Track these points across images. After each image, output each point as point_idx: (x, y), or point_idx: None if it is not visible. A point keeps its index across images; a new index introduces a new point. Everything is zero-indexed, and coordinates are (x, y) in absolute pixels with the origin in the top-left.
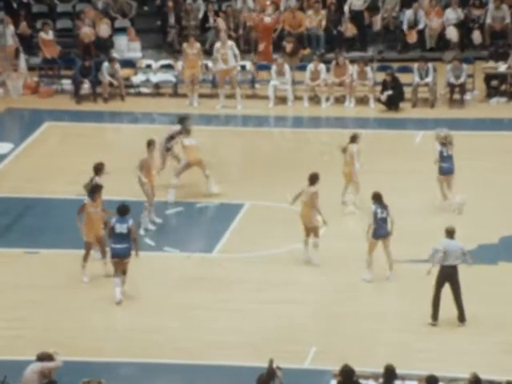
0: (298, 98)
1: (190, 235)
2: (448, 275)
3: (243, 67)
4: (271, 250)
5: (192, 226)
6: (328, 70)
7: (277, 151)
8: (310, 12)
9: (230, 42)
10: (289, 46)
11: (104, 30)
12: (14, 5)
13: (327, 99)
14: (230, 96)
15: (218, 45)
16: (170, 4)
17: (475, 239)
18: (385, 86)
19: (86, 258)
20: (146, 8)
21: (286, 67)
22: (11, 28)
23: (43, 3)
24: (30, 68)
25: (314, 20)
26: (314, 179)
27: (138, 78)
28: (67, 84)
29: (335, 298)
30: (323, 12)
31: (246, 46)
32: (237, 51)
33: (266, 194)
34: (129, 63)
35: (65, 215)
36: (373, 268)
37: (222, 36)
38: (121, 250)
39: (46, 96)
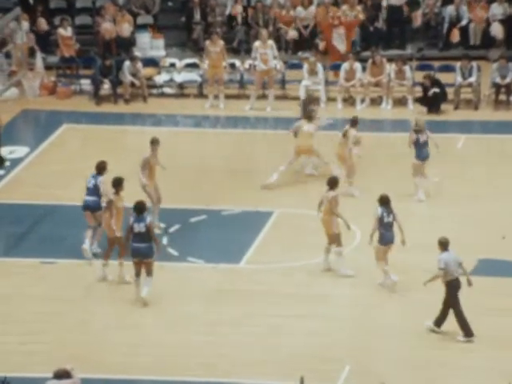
0: (331, 99)
1: (216, 245)
2: (458, 287)
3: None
4: (302, 261)
5: (217, 235)
6: (364, 69)
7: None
8: (344, 7)
9: (271, 42)
10: (322, 44)
11: (125, 26)
12: (31, 0)
13: (362, 100)
14: (259, 97)
15: (257, 44)
16: None
17: None
18: (425, 89)
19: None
20: (170, 3)
21: (319, 66)
22: (25, 25)
23: None
24: (47, 67)
25: (349, 15)
26: (332, 183)
27: (161, 78)
28: (86, 84)
29: (369, 313)
30: (359, 7)
31: (277, 44)
32: (276, 52)
33: (296, 201)
34: (151, 62)
35: (83, 223)
36: (390, 274)
37: (262, 35)
38: (141, 249)
39: (63, 97)
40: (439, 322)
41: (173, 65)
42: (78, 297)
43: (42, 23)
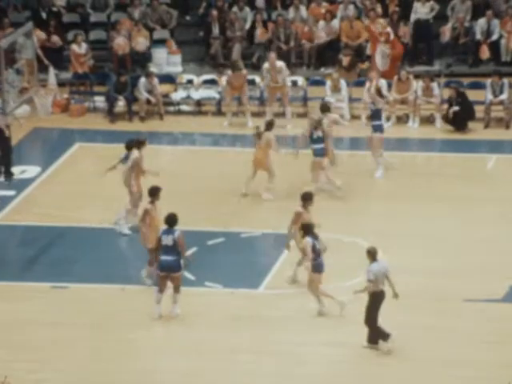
0: (355, 117)
1: (234, 269)
2: (382, 299)
3: (294, 83)
4: (324, 285)
5: (236, 258)
6: (389, 86)
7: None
8: (367, 21)
9: (280, 64)
10: (345, 60)
11: (141, 41)
12: (43, 14)
13: (388, 118)
14: (279, 114)
15: (266, 66)
16: (214, 13)
17: None
18: (450, 102)
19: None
20: (187, 18)
21: (342, 83)
22: (34, 40)
23: (75, 12)
24: (60, 84)
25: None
26: (305, 198)
27: (178, 95)
28: (100, 101)
29: (401, 341)
30: (382, 20)
31: (299, 60)
32: (287, 72)
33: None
34: (168, 78)
35: (97, 246)
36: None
37: (271, 57)
38: (167, 262)
39: (76, 114)
40: (373, 337)
41: (190, 81)
42: (90, 323)
43: (55, 38)
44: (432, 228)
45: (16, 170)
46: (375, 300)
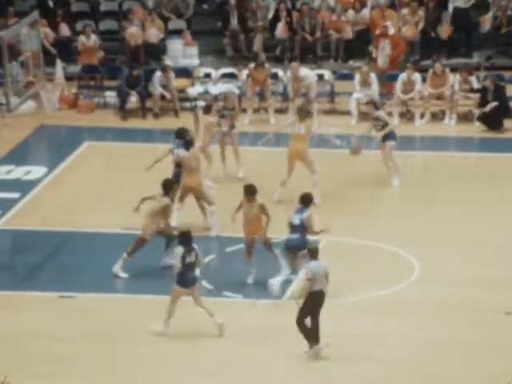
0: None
1: (255, 278)
2: (320, 300)
3: (321, 77)
4: (352, 296)
5: (257, 266)
6: (424, 80)
7: (359, 177)
8: (404, 11)
9: (304, 73)
10: (376, 51)
11: (155, 32)
12: (50, 3)
13: (422, 115)
14: None
15: (288, 74)
16: (233, 2)
17: None
18: (484, 95)
19: None
20: (205, 6)
21: (373, 77)
22: (40, 30)
23: (84, 1)
24: (68, 77)
25: (408, 21)
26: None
27: (194, 90)
28: (111, 97)
29: (431, 357)
30: (421, 12)
31: (325, 52)
32: (314, 79)
33: (345, 228)
34: (184, 72)
35: (107, 252)
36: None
37: (293, 68)
38: (292, 241)
39: (85, 111)
40: (312, 338)
41: (208, 75)
42: (98, 336)
43: (63, 29)
44: (469, 232)
45: (21, 170)
46: (309, 301)
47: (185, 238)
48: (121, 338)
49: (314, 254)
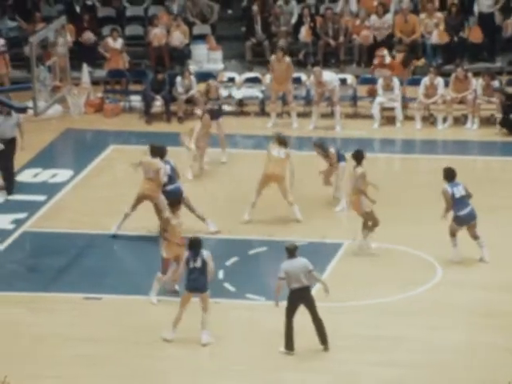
0: (408, 118)
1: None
2: (297, 299)
3: (343, 81)
4: (376, 298)
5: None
6: (446, 84)
7: (382, 180)
8: (422, 15)
9: (327, 77)
10: (399, 56)
11: (179, 37)
12: (77, 8)
13: (445, 119)
14: (326, 115)
15: (311, 79)
16: (256, 7)
17: None
18: (505, 109)
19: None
20: (229, 11)
21: (395, 81)
22: (67, 35)
23: (110, 6)
24: (94, 82)
25: (429, 24)
26: (360, 157)
27: None
28: (136, 101)
29: (455, 361)
30: (439, 14)
31: (348, 56)
32: (336, 83)
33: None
34: (208, 76)
35: (132, 254)
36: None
37: (316, 73)
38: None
39: (111, 115)
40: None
41: (232, 79)
42: (124, 338)
43: (89, 33)
44: (492, 236)
45: (47, 173)
46: (288, 299)
47: (191, 243)
48: (147, 340)
49: (290, 252)
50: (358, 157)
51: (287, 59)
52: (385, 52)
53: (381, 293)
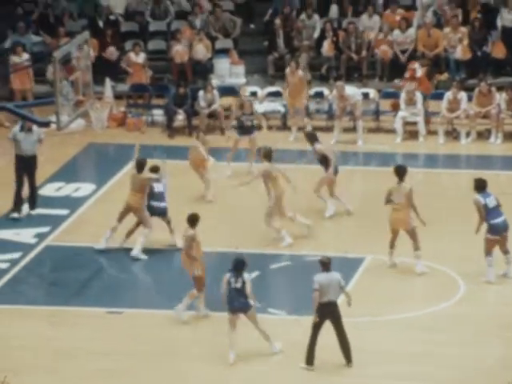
0: (431, 133)
1: (299, 295)
2: (326, 312)
3: (366, 95)
4: (400, 313)
5: (301, 283)
6: (470, 98)
7: None
8: (446, 29)
9: (349, 92)
10: (422, 70)
11: (202, 51)
12: (100, 23)
13: (468, 134)
14: (348, 129)
15: (334, 92)
16: (278, 21)
17: None
18: None
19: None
20: (251, 26)
21: (418, 95)
22: (90, 50)
23: (133, 21)
24: (117, 96)
25: (453, 39)
26: (402, 173)
27: None
28: (159, 115)
29: (486, 378)
30: (463, 29)
31: (371, 71)
32: (359, 98)
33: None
34: (230, 91)
35: (155, 268)
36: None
37: (338, 87)
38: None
39: (133, 129)
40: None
41: (254, 93)
42: (146, 352)
43: (112, 48)
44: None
45: (70, 187)
46: (317, 311)
47: (235, 263)
48: (168, 354)
49: (324, 265)
50: (400, 172)
51: (300, 72)
52: (416, 65)
53: (405, 308)
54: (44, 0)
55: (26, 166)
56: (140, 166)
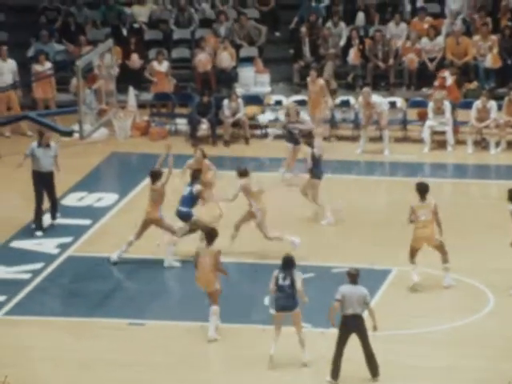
0: (460, 143)
1: (325, 307)
2: (349, 326)
3: (393, 104)
4: (425, 327)
5: (327, 295)
6: (499, 107)
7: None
8: (476, 37)
9: (376, 100)
10: (451, 79)
11: (226, 59)
12: (124, 31)
13: (497, 144)
14: (375, 139)
15: (360, 100)
16: (304, 29)
17: None
18: None
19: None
20: (277, 34)
21: (447, 104)
22: (113, 58)
23: (157, 29)
24: (140, 105)
25: (483, 47)
26: (423, 191)
27: (265, 117)
28: (182, 124)
29: None
30: (494, 37)
31: (398, 79)
32: (386, 107)
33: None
34: (255, 99)
35: (178, 280)
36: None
37: (364, 95)
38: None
39: (157, 138)
40: (375, 370)
41: (279, 102)
42: (168, 363)
43: (136, 56)
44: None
45: (92, 197)
46: (341, 324)
47: (284, 260)
48: (190, 366)
49: (351, 277)
50: (422, 189)
51: (321, 81)
52: (446, 73)
53: (432, 322)
54: (67, 8)
55: (44, 181)
56: (155, 177)
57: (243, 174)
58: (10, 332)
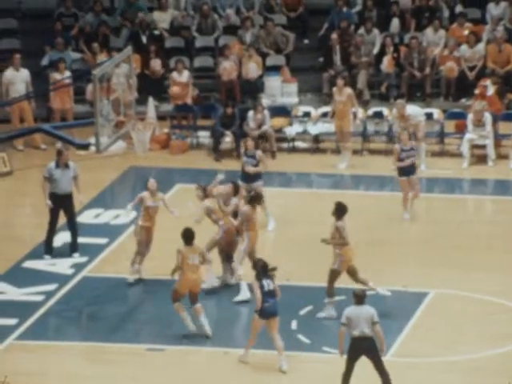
0: (501, 157)
1: None
2: (357, 348)
3: (429, 116)
4: (464, 354)
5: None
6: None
7: (472, 224)
8: None
9: (410, 110)
10: (492, 89)
11: (252, 68)
12: (143, 38)
13: None
14: None
15: (394, 112)
16: (334, 36)
17: None
18: None
19: None
20: (305, 41)
21: (487, 116)
22: (132, 67)
23: (179, 36)
24: (160, 117)
25: None
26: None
27: (293, 130)
28: (204, 137)
29: None
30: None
31: (435, 89)
32: (422, 119)
33: (457, 279)
34: (282, 111)
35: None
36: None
37: (399, 107)
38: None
39: (178, 151)
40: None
41: (307, 114)
42: None
43: (156, 64)
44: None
45: (109, 214)
46: (349, 346)
47: (262, 268)
48: None
49: (357, 298)
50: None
51: (348, 90)
52: (487, 82)
53: (470, 348)
54: (84, 14)
55: (62, 205)
56: (188, 237)
57: (254, 201)
58: (21, 358)
